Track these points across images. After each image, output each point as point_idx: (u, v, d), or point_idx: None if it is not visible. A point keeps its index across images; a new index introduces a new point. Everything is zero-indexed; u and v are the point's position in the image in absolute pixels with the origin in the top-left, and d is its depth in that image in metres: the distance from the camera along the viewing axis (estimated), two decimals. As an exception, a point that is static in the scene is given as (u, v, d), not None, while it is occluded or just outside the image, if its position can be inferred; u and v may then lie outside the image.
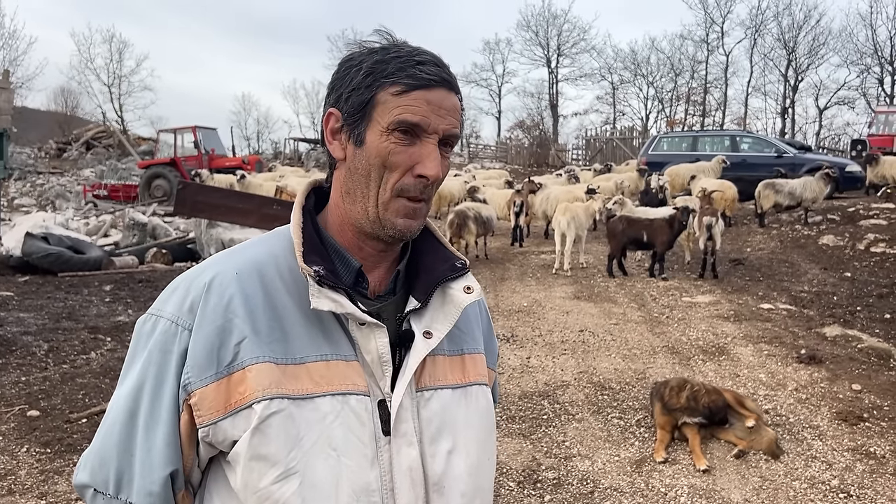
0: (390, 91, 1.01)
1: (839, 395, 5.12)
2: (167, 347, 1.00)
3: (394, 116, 1.00)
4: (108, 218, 15.68)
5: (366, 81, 1.01)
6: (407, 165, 1.02)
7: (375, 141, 1.02)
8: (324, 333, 1.03)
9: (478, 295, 1.13)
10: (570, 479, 3.99)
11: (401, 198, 1.03)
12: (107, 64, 43.36)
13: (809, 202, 12.39)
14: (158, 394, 1.00)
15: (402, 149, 1.01)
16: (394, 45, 1.04)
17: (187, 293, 1.02)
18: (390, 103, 1.01)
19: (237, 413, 0.97)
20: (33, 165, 30.15)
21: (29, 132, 35.20)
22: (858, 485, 3.89)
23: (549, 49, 42.49)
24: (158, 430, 1.00)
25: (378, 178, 1.03)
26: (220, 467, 1.04)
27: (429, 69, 1.01)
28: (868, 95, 36.96)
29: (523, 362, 5.98)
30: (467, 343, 1.17)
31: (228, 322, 0.99)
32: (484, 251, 11.25)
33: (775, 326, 6.94)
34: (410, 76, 1.00)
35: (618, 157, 27.60)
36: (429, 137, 1.02)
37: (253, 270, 1.04)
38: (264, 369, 0.97)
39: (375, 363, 1.03)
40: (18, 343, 6.27)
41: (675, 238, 9.33)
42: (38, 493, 3.76)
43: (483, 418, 1.15)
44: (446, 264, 1.13)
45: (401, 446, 1.03)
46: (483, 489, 1.14)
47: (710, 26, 39.60)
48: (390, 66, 1.01)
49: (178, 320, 1.01)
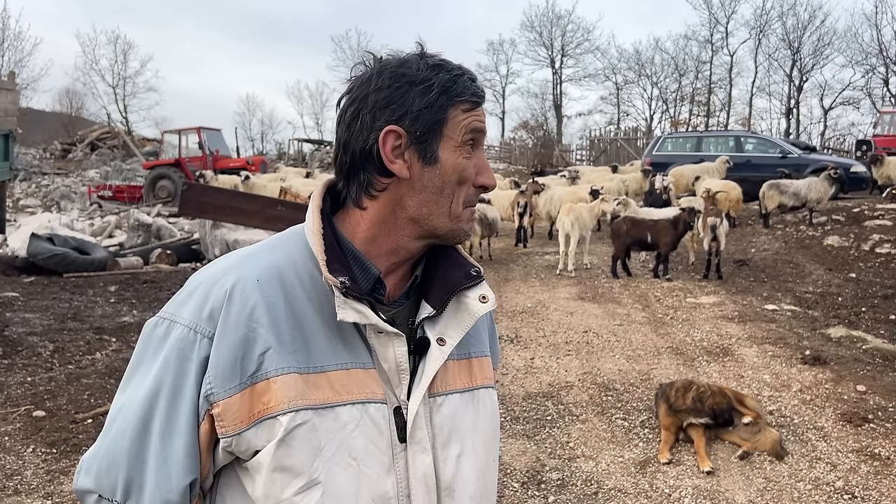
0: (462, 107, 1.05)
1: (844, 397, 5.11)
2: (185, 355, 0.98)
3: (467, 128, 1.06)
4: (112, 219, 15.73)
5: (440, 100, 1.03)
6: (472, 177, 1.08)
7: (451, 157, 1.05)
8: (343, 341, 1.02)
9: (492, 305, 1.13)
10: (574, 480, 3.99)
11: (469, 208, 1.09)
12: (111, 65, 43.42)
13: (814, 203, 12.36)
14: (176, 402, 0.98)
15: (469, 162, 1.07)
16: (444, 61, 1.07)
17: (206, 299, 1.00)
18: (461, 119, 1.05)
19: (261, 423, 0.97)
20: (38, 166, 30.25)
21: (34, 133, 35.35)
22: (863, 486, 3.88)
23: (553, 49, 42.46)
24: (176, 439, 0.98)
25: (451, 194, 1.06)
26: (233, 472, 1.03)
27: (478, 86, 1.08)
28: (873, 96, 36.83)
29: (527, 363, 5.98)
30: (474, 347, 1.17)
31: (252, 332, 0.98)
32: (488, 252, 11.26)
33: (780, 327, 6.92)
34: (476, 94, 1.07)
35: (622, 157, 27.57)
36: (481, 146, 1.09)
37: (274, 277, 1.02)
38: (290, 380, 0.97)
39: (393, 371, 1.04)
40: (24, 343, 6.29)
41: (679, 239, 9.32)
42: (43, 493, 3.78)
43: (490, 421, 1.16)
44: (461, 271, 1.12)
45: (416, 453, 1.04)
46: (489, 490, 1.16)
47: (714, 26, 39.49)
48: (458, 84, 1.05)
49: (197, 327, 0.99)
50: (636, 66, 42.06)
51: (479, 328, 1.19)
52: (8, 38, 37.28)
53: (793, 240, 11.68)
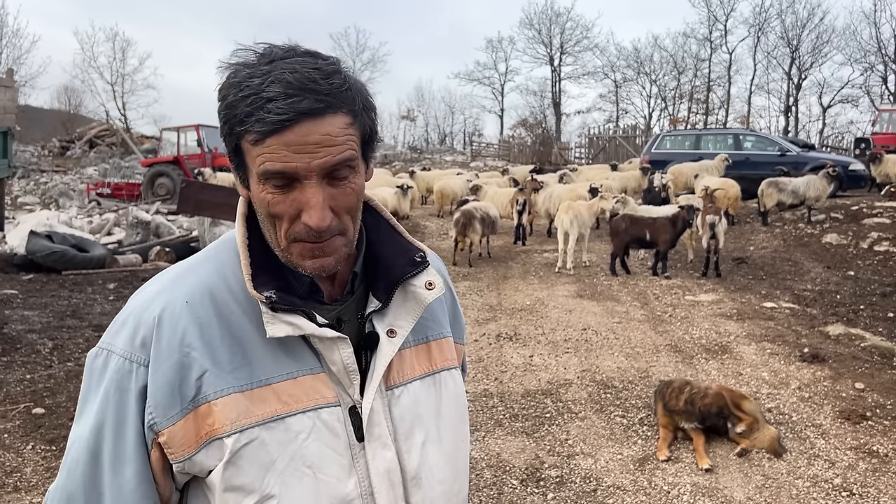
0: (248, 140, 0.92)
1: (842, 394, 5.11)
2: (124, 385, 0.97)
3: (258, 167, 0.92)
4: (111, 216, 15.70)
5: (224, 129, 0.94)
6: (291, 214, 0.94)
7: (255, 189, 0.95)
8: (287, 351, 0.99)
9: (440, 290, 1.09)
10: (573, 478, 4.00)
11: (298, 242, 0.96)
12: (110, 62, 43.55)
13: (813, 201, 12.37)
14: (121, 434, 0.97)
15: (280, 197, 0.93)
16: (247, 73, 0.91)
17: (137, 327, 0.98)
18: (252, 152, 0.92)
19: (209, 444, 0.96)
20: (37, 164, 30.20)
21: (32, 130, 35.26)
22: (861, 483, 3.89)
23: (552, 47, 42.53)
24: (127, 469, 0.97)
25: (272, 225, 0.97)
26: (199, 486, 1.02)
27: (279, 105, 0.88)
28: (872, 93, 36.91)
29: (526, 361, 5.99)
30: (431, 330, 1.14)
31: (186, 357, 0.95)
32: (487, 249, 11.26)
33: (778, 325, 6.93)
34: (260, 121, 0.89)
35: (621, 155, 27.57)
36: (305, 180, 0.92)
37: (205, 296, 0.99)
38: (230, 402, 0.95)
39: (342, 373, 1.01)
40: (23, 341, 6.29)
41: (677, 237, 9.32)
42: (43, 490, 3.78)
43: (454, 403, 1.14)
44: (405, 258, 1.09)
45: (376, 450, 1.02)
46: (460, 471, 1.14)
47: (713, 24, 39.57)
48: (239, 109, 0.91)
49: (132, 356, 0.97)
50: (635, 63, 42.15)
51: (435, 310, 1.16)
52: (6, 35, 37.24)
53: (791, 238, 11.69)
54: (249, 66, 0.92)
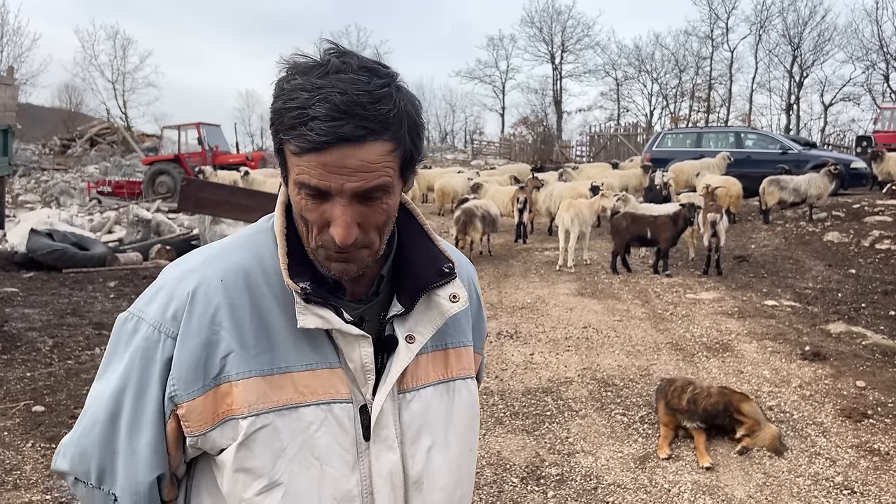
0: (289, 148, 0.94)
1: (843, 392, 5.11)
2: (150, 354, 0.99)
3: (295, 175, 0.95)
4: (112, 214, 15.70)
5: (271, 129, 0.96)
6: (321, 223, 0.97)
7: (293, 192, 0.98)
8: (309, 342, 1.01)
9: (463, 304, 1.09)
10: (574, 476, 4.00)
11: (324, 249, 0.99)
12: (111, 60, 43.45)
13: (814, 199, 12.36)
14: (141, 400, 0.99)
15: (313, 206, 0.96)
16: (299, 84, 0.91)
17: (170, 299, 1.00)
18: (291, 160, 0.95)
19: (225, 423, 0.97)
20: (38, 162, 30.20)
21: (33, 129, 35.26)
22: (862, 481, 3.88)
23: (553, 45, 42.49)
24: (142, 435, 1.00)
25: (304, 225, 1.00)
26: (208, 462, 1.04)
27: (322, 126, 0.89)
28: (874, 92, 36.81)
29: (527, 359, 5.98)
30: (452, 337, 1.15)
31: (214, 335, 0.97)
32: (487, 248, 11.26)
33: (779, 323, 6.92)
34: (301, 136, 0.90)
35: (622, 153, 27.55)
36: (336, 198, 0.94)
37: (239, 277, 1.01)
38: (251, 384, 0.97)
39: (359, 371, 1.02)
40: (23, 339, 6.29)
41: (678, 235, 9.31)
42: (43, 487, 3.78)
43: (465, 412, 1.14)
44: (433, 267, 1.09)
45: (380, 451, 1.03)
46: (463, 479, 1.14)
47: (714, 22, 39.49)
48: (285, 119, 0.92)
49: (162, 327, 0.99)
50: (636, 61, 42.11)
51: (458, 318, 1.16)
52: (7, 33, 37.27)
53: (793, 236, 11.67)
54: (304, 74, 0.92)
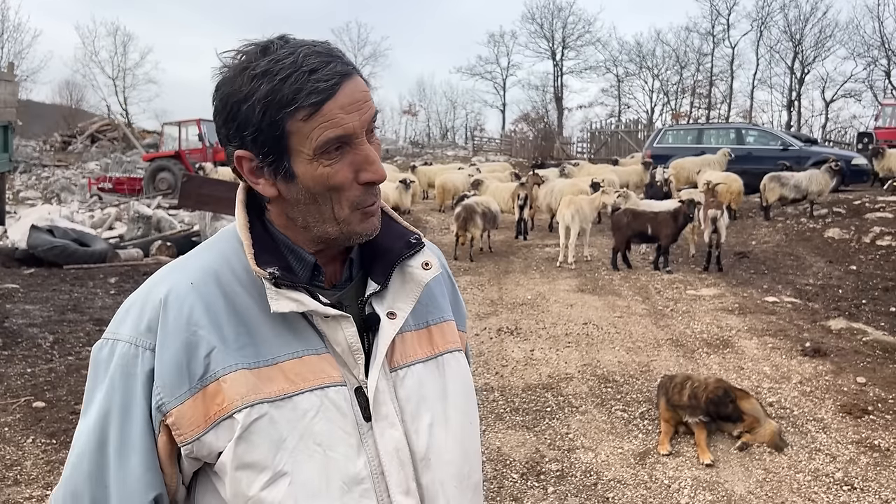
0: (299, 118, 0.93)
1: (844, 388, 5.11)
2: (129, 370, 0.97)
3: (315, 141, 0.94)
4: (112, 211, 15.70)
5: (267, 118, 0.93)
6: (351, 179, 0.98)
7: (308, 171, 0.97)
8: (291, 330, 1.00)
9: (437, 270, 1.10)
10: (574, 471, 4.00)
11: (358, 210, 1.01)
12: (111, 57, 43.47)
13: (815, 195, 12.34)
14: (127, 420, 0.97)
15: (338, 166, 0.96)
16: (271, 59, 0.93)
17: (142, 312, 0.98)
18: (304, 129, 0.94)
19: (219, 424, 0.95)
20: (38, 158, 30.22)
21: (34, 125, 35.29)
22: (862, 477, 3.88)
23: (554, 41, 42.40)
24: (133, 457, 0.96)
25: (328, 200, 0.99)
26: (207, 479, 1.02)
27: (324, 73, 0.92)
28: (875, 88, 36.74)
29: (527, 355, 5.98)
30: (432, 314, 1.15)
31: (193, 335, 0.96)
32: (488, 244, 11.25)
33: (780, 319, 6.92)
34: (313, 92, 0.92)
35: (622, 150, 27.52)
36: (358, 140, 0.97)
37: (208, 277, 1.00)
38: (239, 377, 0.95)
39: (346, 353, 1.02)
40: (24, 335, 6.30)
41: (679, 231, 9.31)
42: (43, 483, 3.78)
43: (460, 385, 1.14)
44: (401, 241, 1.10)
45: (384, 429, 1.02)
46: (469, 453, 1.14)
47: (715, 18, 39.41)
48: (283, 92, 0.92)
49: (138, 341, 0.97)
50: (637, 58, 42.03)
51: (435, 295, 1.17)
52: (7, 29, 37.31)
53: (793, 232, 11.66)
54: (266, 53, 0.94)
